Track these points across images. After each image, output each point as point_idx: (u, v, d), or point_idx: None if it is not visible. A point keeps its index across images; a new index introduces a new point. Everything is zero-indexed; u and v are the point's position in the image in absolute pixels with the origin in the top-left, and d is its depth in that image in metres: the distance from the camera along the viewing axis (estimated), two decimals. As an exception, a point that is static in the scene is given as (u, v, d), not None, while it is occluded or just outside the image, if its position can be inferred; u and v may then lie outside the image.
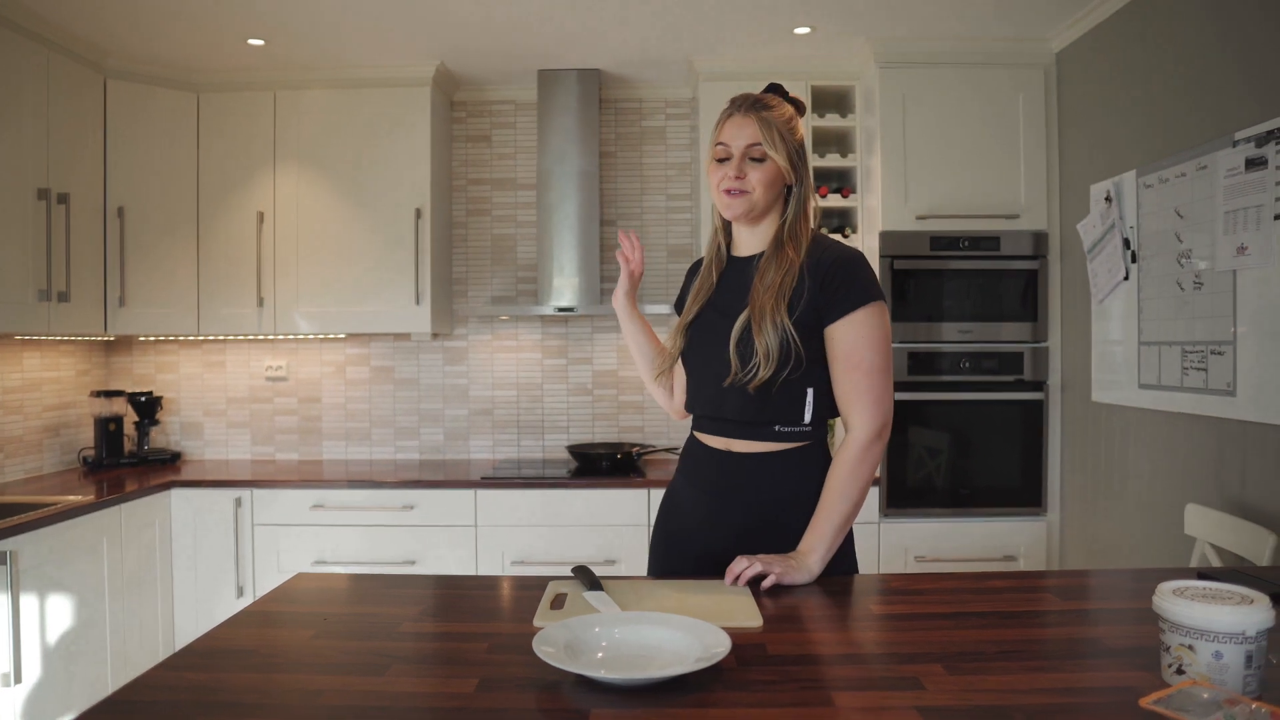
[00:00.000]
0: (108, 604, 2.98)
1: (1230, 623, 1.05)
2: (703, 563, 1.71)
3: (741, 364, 1.64)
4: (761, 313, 1.61)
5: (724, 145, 1.66)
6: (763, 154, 1.64)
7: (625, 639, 1.23)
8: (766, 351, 1.60)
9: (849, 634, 1.32)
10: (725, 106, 1.71)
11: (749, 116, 1.65)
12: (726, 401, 1.69)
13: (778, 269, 1.64)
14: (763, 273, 1.66)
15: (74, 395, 3.78)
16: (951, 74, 3.33)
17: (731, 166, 1.64)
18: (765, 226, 1.72)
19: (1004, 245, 3.29)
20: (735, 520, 1.70)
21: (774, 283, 1.63)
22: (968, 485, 3.31)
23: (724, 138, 1.66)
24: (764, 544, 1.65)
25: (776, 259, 1.66)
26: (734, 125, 1.66)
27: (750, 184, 1.64)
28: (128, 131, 3.48)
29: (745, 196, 1.65)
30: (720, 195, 1.67)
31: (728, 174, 1.65)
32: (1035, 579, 1.61)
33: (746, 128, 1.64)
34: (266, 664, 1.24)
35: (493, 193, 3.97)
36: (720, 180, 1.66)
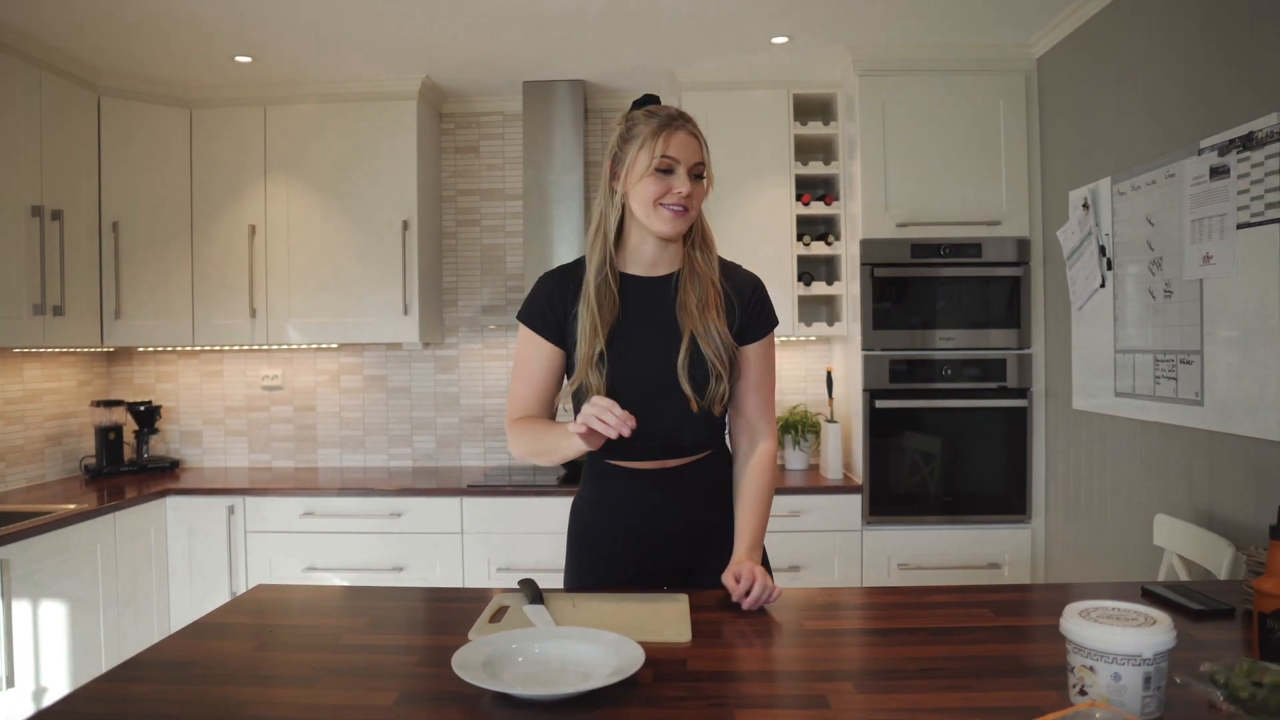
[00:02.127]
0: (102, 610, 3.04)
1: (1127, 645, 1.06)
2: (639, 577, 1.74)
3: (696, 390, 1.64)
4: (707, 328, 1.64)
5: (672, 159, 1.59)
6: (702, 172, 1.64)
7: (544, 654, 1.26)
8: (719, 366, 1.64)
9: (773, 650, 1.34)
10: (651, 114, 1.63)
11: (694, 135, 1.63)
12: (683, 429, 1.69)
13: (702, 285, 1.66)
14: (687, 291, 1.67)
15: (75, 405, 3.86)
16: (932, 81, 3.33)
17: (682, 181, 1.60)
18: (673, 245, 1.70)
19: (986, 252, 3.29)
20: (671, 533, 1.73)
21: (708, 300, 1.65)
22: (952, 492, 3.32)
23: (672, 151, 1.60)
24: (694, 548, 1.73)
25: (696, 277, 1.67)
26: (681, 142, 1.61)
27: (693, 202, 1.63)
28: (122, 147, 3.55)
29: (688, 214, 1.63)
30: (661, 211, 1.61)
31: (678, 190, 1.59)
32: (976, 594, 1.62)
33: (691, 145, 1.61)
34: (203, 676, 1.28)
35: (482, 203, 4.02)
36: (664, 195, 1.60)
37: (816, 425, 3.68)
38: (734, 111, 3.56)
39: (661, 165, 1.60)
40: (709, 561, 1.72)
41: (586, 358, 1.64)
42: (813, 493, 3.32)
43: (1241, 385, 2.17)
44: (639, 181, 1.61)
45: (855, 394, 3.44)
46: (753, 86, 3.57)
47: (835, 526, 3.31)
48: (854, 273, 3.42)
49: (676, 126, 1.61)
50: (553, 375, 1.73)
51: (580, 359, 1.65)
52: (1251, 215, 2.11)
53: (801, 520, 3.30)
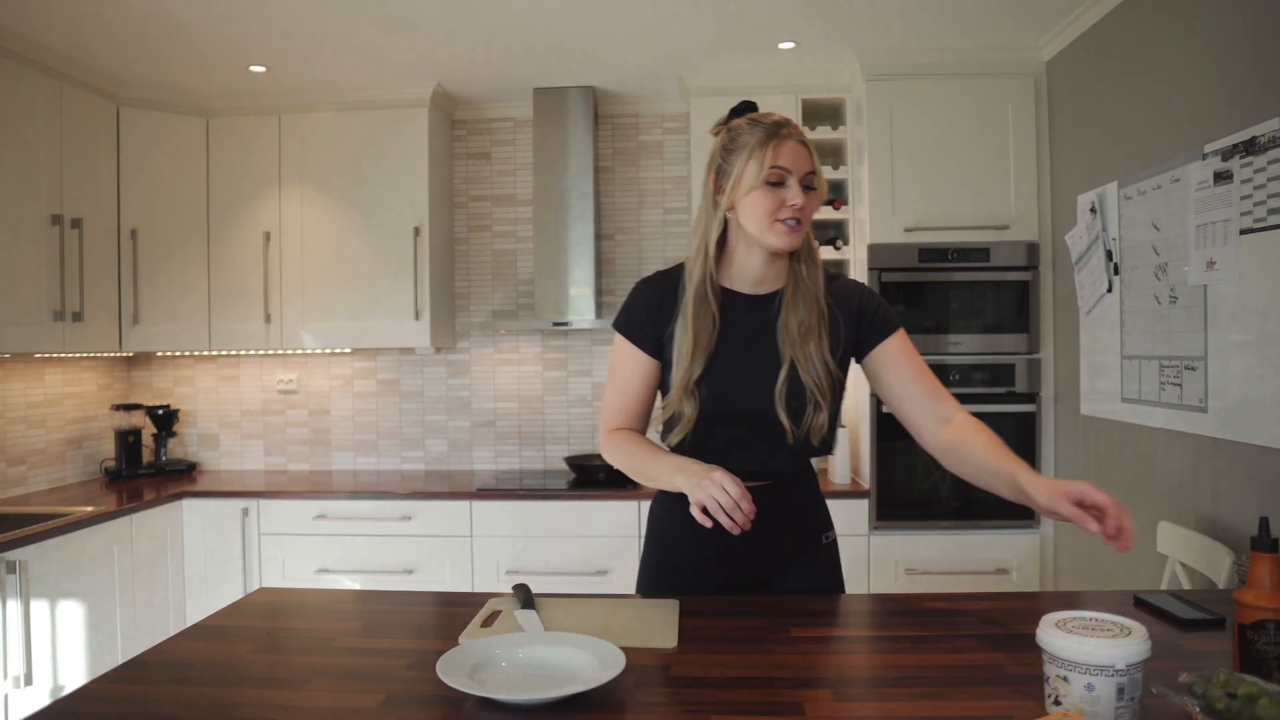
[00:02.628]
0: (119, 610, 3.10)
1: (1100, 655, 1.07)
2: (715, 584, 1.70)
3: (793, 419, 1.58)
4: (808, 355, 1.57)
5: (783, 169, 1.51)
6: (814, 183, 1.55)
7: (528, 659, 1.28)
8: (818, 394, 1.57)
9: (757, 656, 1.35)
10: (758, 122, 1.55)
11: (805, 144, 1.55)
12: (777, 458, 1.64)
13: (806, 306, 1.59)
14: (790, 312, 1.59)
15: (95, 409, 3.93)
16: (940, 84, 3.33)
17: (795, 193, 1.51)
18: (780, 261, 1.62)
19: (994, 256, 3.28)
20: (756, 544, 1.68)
21: (812, 322, 1.58)
22: (960, 497, 3.31)
23: (784, 161, 1.51)
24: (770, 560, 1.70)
25: (801, 296, 1.60)
26: (791, 151, 1.52)
27: (806, 214, 1.55)
28: (140, 156, 3.62)
29: (801, 229, 1.55)
30: (776, 226, 1.53)
31: (790, 201, 1.51)
32: (966, 601, 1.63)
33: (802, 154, 1.53)
34: (198, 677, 1.31)
35: (493, 209, 4.05)
36: (778, 210, 1.52)
37: (825, 430, 3.67)
38: (742, 117, 3.56)
39: (772, 177, 1.51)
40: (783, 572, 1.72)
41: (682, 385, 1.58)
42: (820, 497, 3.32)
43: (1245, 392, 2.15)
44: (748, 195, 1.53)
45: (863, 398, 3.43)
46: (762, 91, 3.57)
47: (842, 531, 3.26)
48: (862, 278, 3.42)
49: (785, 135, 1.53)
50: (648, 386, 1.70)
51: (676, 385, 1.60)
52: (1254, 221, 2.10)
53: (809, 525, 3.30)
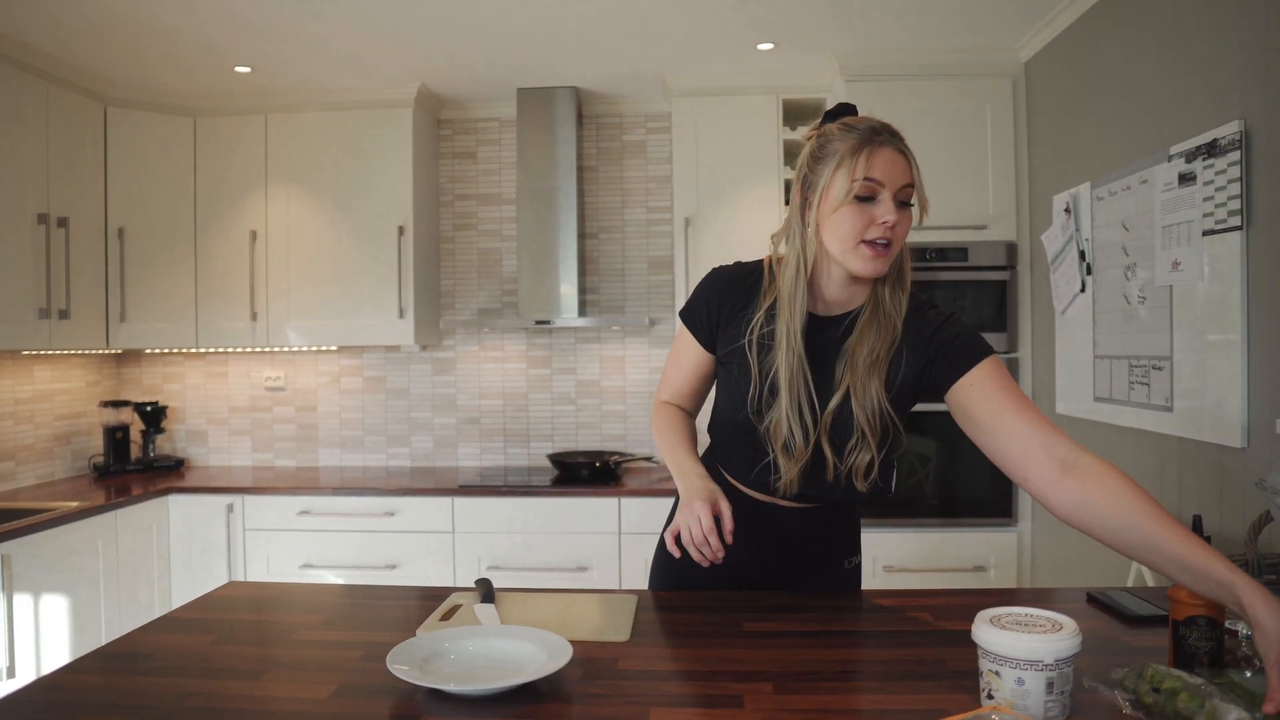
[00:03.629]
0: (103, 605, 3.14)
1: (1028, 650, 1.09)
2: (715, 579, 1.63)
3: (835, 452, 1.47)
4: (866, 387, 1.43)
5: (875, 183, 1.34)
6: (910, 198, 1.38)
7: (477, 651, 1.31)
8: (867, 429, 1.45)
9: (707, 650, 1.38)
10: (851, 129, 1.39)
11: (903, 153, 1.37)
12: (815, 487, 1.54)
13: (878, 336, 1.44)
14: (861, 338, 1.44)
15: (84, 405, 3.96)
16: (918, 85, 3.35)
17: (888, 210, 1.34)
18: (864, 283, 1.46)
19: (973, 256, 3.30)
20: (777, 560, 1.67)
21: (881, 354, 1.44)
22: (939, 495, 3.33)
23: (876, 173, 1.34)
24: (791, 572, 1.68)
25: (878, 324, 1.44)
26: (886, 161, 1.35)
27: (897, 235, 1.37)
28: (127, 156, 3.65)
29: (890, 251, 1.37)
30: (861, 248, 1.36)
31: (880, 218, 1.34)
32: (920, 598, 1.65)
33: (899, 164, 1.36)
34: (159, 668, 1.34)
35: (478, 208, 4.08)
36: (866, 228, 1.35)
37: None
38: (724, 117, 3.60)
39: (863, 191, 1.35)
40: (798, 585, 1.69)
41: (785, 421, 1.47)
42: (799, 495, 3.35)
43: (1208, 392, 2.18)
44: (835, 211, 1.37)
45: (843, 397, 3.45)
46: (742, 92, 3.60)
47: (822, 528, 3.33)
48: (842, 277, 3.44)
49: (881, 142, 1.36)
50: (699, 376, 1.66)
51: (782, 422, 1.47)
52: (1216, 222, 2.12)
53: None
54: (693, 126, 3.61)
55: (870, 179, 1.34)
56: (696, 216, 3.59)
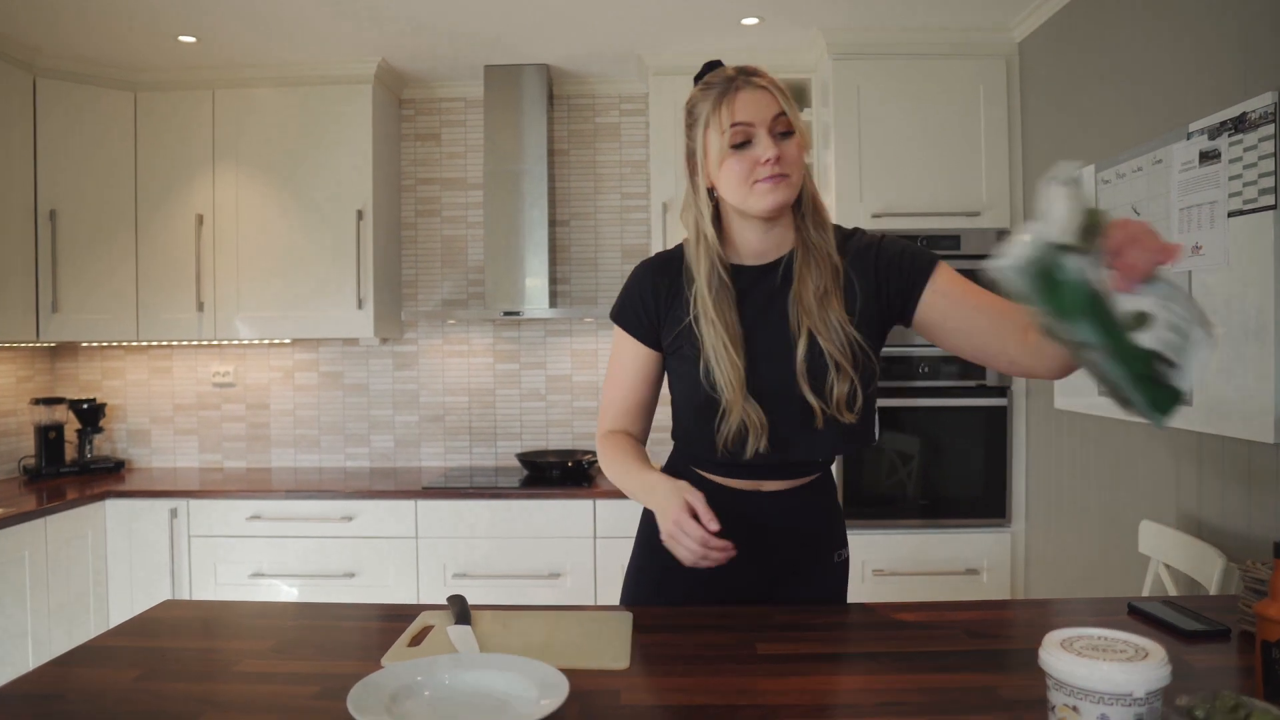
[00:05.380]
0: (30, 621, 2.87)
1: (1117, 682, 0.92)
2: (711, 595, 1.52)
3: (817, 394, 1.39)
4: (826, 323, 1.38)
5: (743, 125, 1.33)
6: (789, 126, 1.35)
7: (455, 686, 1.11)
8: (842, 361, 1.38)
9: (719, 679, 1.19)
10: (705, 87, 1.39)
11: (761, 87, 1.35)
12: (806, 445, 1.45)
13: (819, 270, 1.39)
14: (803, 279, 1.40)
15: (14, 403, 3.67)
16: (909, 65, 3.20)
17: (764, 146, 1.32)
18: (779, 224, 1.43)
19: (965, 244, 3.16)
20: (761, 556, 1.52)
21: (827, 288, 1.39)
22: (929, 495, 3.18)
23: (740, 115, 1.33)
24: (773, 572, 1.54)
25: (813, 259, 1.40)
26: (749, 100, 1.34)
27: (788, 164, 1.34)
28: (60, 132, 3.37)
29: (787, 181, 1.34)
30: (756, 188, 1.34)
31: (762, 157, 1.32)
32: (949, 612, 1.48)
33: (763, 100, 1.34)
34: (67, 713, 1.12)
35: (442, 193, 3.85)
36: (752, 169, 1.34)
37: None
38: (704, 97, 3.41)
39: (736, 138, 1.34)
40: (785, 589, 1.55)
41: (740, 387, 1.39)
42: (785, 495, 3.18)
43: (1232, 384, 2.04)
44: (720, 167, 1.37)
45: (829, 392, 3.30)
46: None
47: (808, 530, 3.16)
48: (828, 266, 3.28)
49: (738, 86, 1.35)
50: (646, 382, 1.53)
51: (730, 388, 1.39)
52: (1244, 202, 1.98)
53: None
54: (671, 107, 3.42)
55: (738, 123, 1.34)
56: (675, 201, 3.40)
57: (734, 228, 1.45)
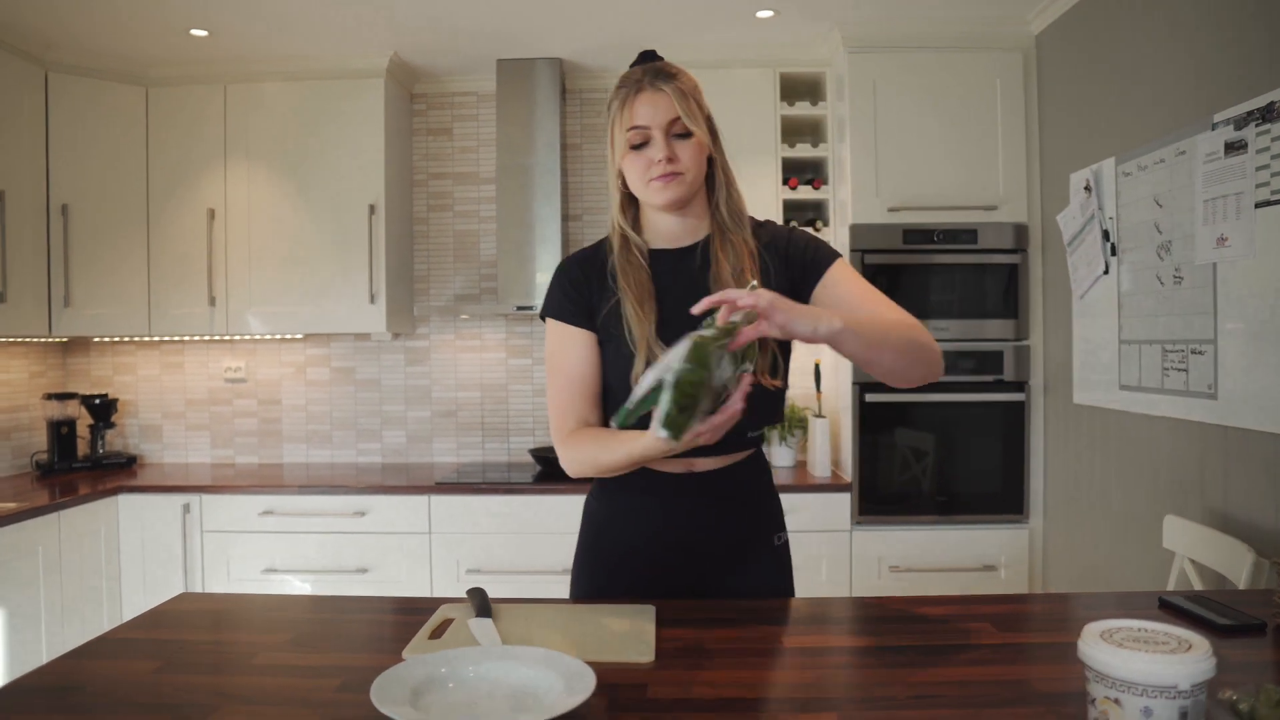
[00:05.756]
0: (44, 616, 2.86)
1: (1161, 674, 0.89)
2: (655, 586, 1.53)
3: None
4: None
5: (640, 129, 1.43)
6: (686, 129, 1.43)
7: (480, 679, 1.09)
8: (769, 344, 1.43)
9: (747, 672, 1.17)
10: (619, 86, 1.48)
11: (660, 91, 1.43)
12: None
13: (735, 254, 1.48)
14: (718, 262, 1.48)
15: (26, 398, 3.67)
16: (925, 58, 3.17)
17: (658, 148, 1.42)
18: (693, 211, 1.52)
19: (982, 238, 3.13)
20: (699, 541, 1.54)
21: (740, 269, 1.47)
22: (946, 491, 3.15)
23: (639, 120, 1.43)
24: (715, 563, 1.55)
25: (728, 243, 1.49)
26: (646, 103, 1.43)
27: (683, 164, 1.43)
28: (72, 127, 3.36)
29: (680, 179, 1.44)
30: (651, 185, 1.45)
31: (655, 158, 1.42)
32: (976, 605, 1.46)
33: (661, 103, 1.42)
34: (86, 704, 1.10)
35: (455, 187, 3.83)
36: (647, 168, 1.44)
37: (804, 420, 3.51)
38: (718, 92, 3.34)
39: (634, 140, 1.44)
40: (729, 575, 1.55)
41: (645, 346, 1.44)
42: (800, 490, 3.16)
43: (1259, 376, 2.01)
44: (623, 161, 1.47)
45: (844, 387, 3.27)
46: (738, 65, 3.40)
47: (823, 526, 3.14)
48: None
49: (639, 88, 1.44)
50: (593, 367, 1.53)
51: (639, 340, 1.45)
52: (1271, 192, 1.95)
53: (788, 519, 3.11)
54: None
55: (635, 127, 1.43)
56: (689, 196, 3.38)
57: (649, 214, 1.55)
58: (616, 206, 1.54)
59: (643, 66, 1.48)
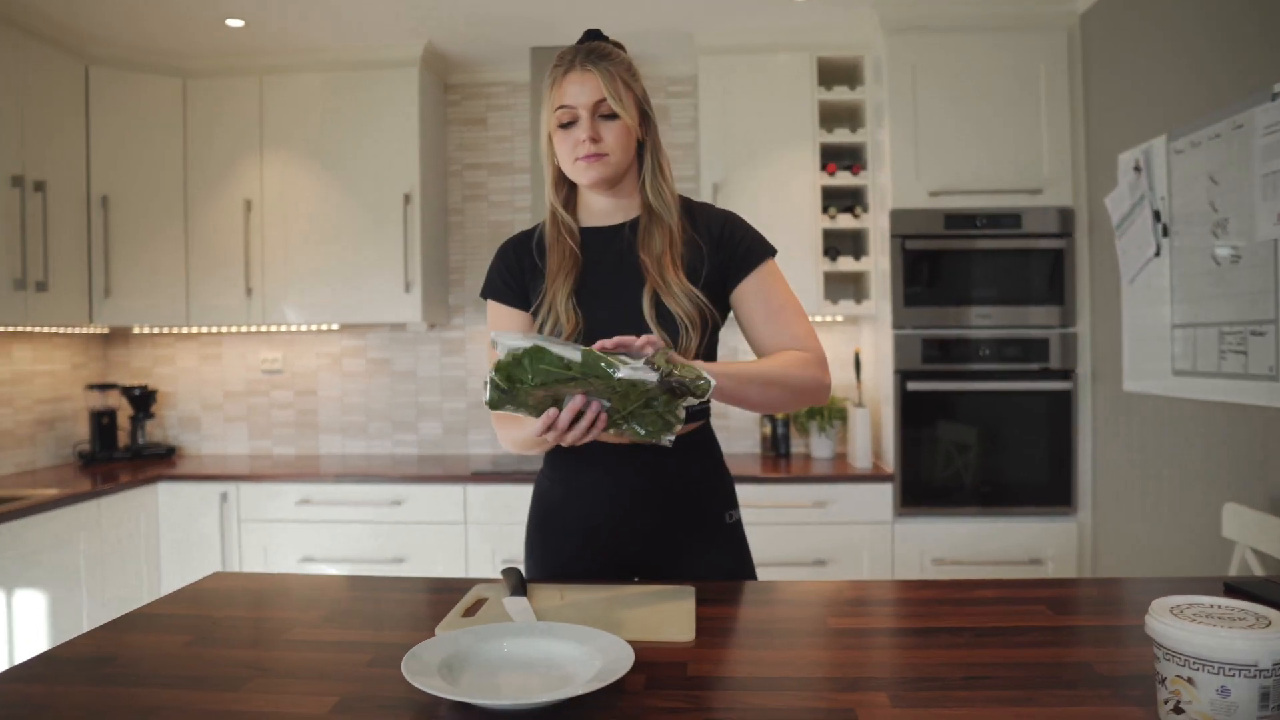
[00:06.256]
0: (85, 601, 2.88)
1: (1240, 651, 0.83)
2: (608, 567, 1.54)
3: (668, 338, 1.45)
4: (666, 282, 1.45)
5: (568, 108, 1.43)
6: (612, 110, 1.43)
7: (514, 655, 1.05)
8: (687, 321, 1.43)
9: (790, 652, 1.12)
10: (554, 64, 1.47)
11: (589, 71, 1.43)
12: None
13: (661, 234, 1.49)
14: (645, 241, 1.49)
15: (69, 388, 3.71)
16: (965, 40, 3.09)
17: (583, 129, 1.43)
18: (624, 191, 1.53)
19: (1026, 222, 3.05)
20: (648, 519, 1.53)
21: (665, 248, 1.48)
22: (990, 482, 3.07)
23: (567, 99, 1.43)
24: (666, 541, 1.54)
25: (655, 224, 1.50)
26: (574, 83, 1.43)
27: (607, 145, 1.44)
28: (111, 119, 3.39)
29: (604, 160, 1.45)
30: (577, 165, 1.46)
31: (580, 139, 1.43)
32: (1029, 588, 1.40)
33: (589, 83, 1.42)
34: (117, 675, 1.09)
35: (489, 178, 3.82)
36: (573, 147, 1.45)
37: (844, 410, 3.45)
38: (755, 77, 3.34)
39: (561, 119, 1.45)
40: (681, 555, 1.53)
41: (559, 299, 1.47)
42: (840, 482, 3.10)
43: (1325, 357, 1.92)
44: (554, 139, 1.48)
45: (885, 377, 3.20)
46: (775, 50, 3.34)
47: (864, 518, 3.08)
48: (883, 246, 3.19)
49: (566, 68, 1.45)
50: None
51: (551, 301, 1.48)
52: (1338, 163, 1.86)
53: (828, 511, 3.07)
54: (721, 88, 3.35)
55: (562, 106, 1.44)
56: (725, 183, 3.33)
57: (583, 191, 1.55)
58: (550, 184, 1.54)
59: (576, 46, 1.48)
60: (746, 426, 3.70)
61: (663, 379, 1.13)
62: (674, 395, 1.16)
